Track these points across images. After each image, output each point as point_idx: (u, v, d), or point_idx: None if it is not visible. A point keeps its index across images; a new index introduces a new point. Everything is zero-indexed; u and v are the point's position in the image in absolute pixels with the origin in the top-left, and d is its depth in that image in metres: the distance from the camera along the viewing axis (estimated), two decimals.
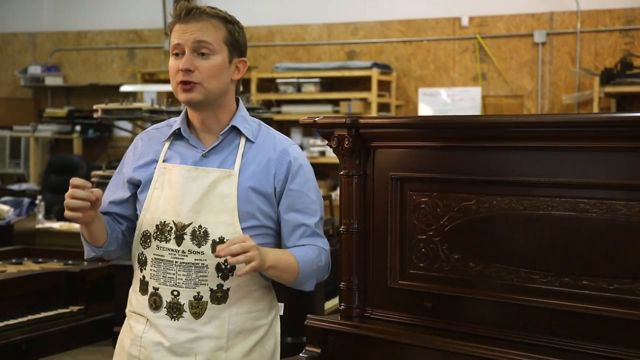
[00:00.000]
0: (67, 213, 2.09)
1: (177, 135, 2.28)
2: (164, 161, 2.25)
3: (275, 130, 2.34)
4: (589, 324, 2.18)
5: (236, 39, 2.22)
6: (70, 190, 2.07)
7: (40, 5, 9.69)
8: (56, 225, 6.06)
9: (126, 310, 2.34)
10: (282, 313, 2.41)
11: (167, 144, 2.27)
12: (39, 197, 6.58)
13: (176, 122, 2.29)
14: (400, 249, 2.52)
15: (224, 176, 2.20)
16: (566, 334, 2.21)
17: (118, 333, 2.38)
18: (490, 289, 2.34)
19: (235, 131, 2.26)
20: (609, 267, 2.15)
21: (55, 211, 6.62)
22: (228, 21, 2.21)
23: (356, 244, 2.56)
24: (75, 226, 6.01)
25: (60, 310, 3.97)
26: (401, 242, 2.52)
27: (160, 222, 2.21)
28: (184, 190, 2.19)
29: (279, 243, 2.30)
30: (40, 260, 4.48)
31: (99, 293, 4.10)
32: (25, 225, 6.19)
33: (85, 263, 4.24)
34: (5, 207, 6.34)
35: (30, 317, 3.80)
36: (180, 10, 2.18)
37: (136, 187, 2.28)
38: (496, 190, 2.33)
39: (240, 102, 2.32)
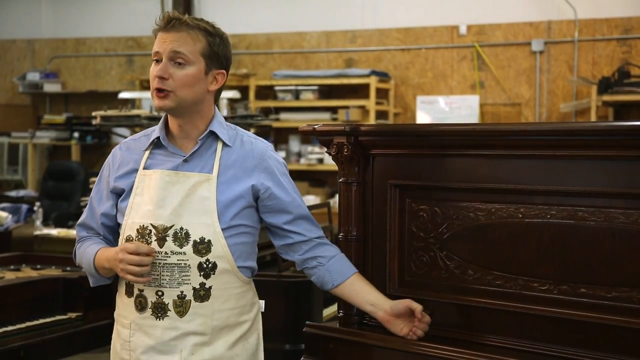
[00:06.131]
0: (132, 278, 2.24)
1: (156, 145, 2.37)
2: (144, 169, 2.34)
3: (250, 133, 2.44)
4: (587, 331, 2.18)
5: (215, 51, 2.30)
6: (138, 258, 2.22)
7: (39, 12, 9.70)
8: (54, 231, 6.05)
9: (114, 314, 2.45)
10: (263, 310, 2.49)
11: (147, 153, 2.37)
12: (37, 203, 6.57)
13: (154, 131, 2.38)
14: (399, 257, 2.52)
15: (203, 180, 2.30)
16: (565, 342, 2.22)
17: None
18: (488, 296, 2.34)
19: (213, 136, 2.35)
20: (607, 275, 2.16)
21: (53, 218, 6.61)
22: (210, 33, 2.30)
23: (355, 251, 2.57)
24: (73, 233, 6.01)
25: (58, 317, 3.96)
26: (400, 249, 2.52)
27: (140, 226, 2.29)
28: (165, 194, 2.28)
29: (255, 240, 2.41)
30: (38, 266, 4.47)
31: (97, 300, 4.09)
32: (24, 231, 6.18)
33: (84, 269, 4.23)
34: (4, 214, 6.34)
35: (29, 323, 3.80)
36: (163, 20, 2.28)
37: (118, 196, 2.38)
38: (495, 198, 2.34)
39: (216, 109, 2.40)
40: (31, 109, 9.69)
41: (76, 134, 8.94)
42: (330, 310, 3.99)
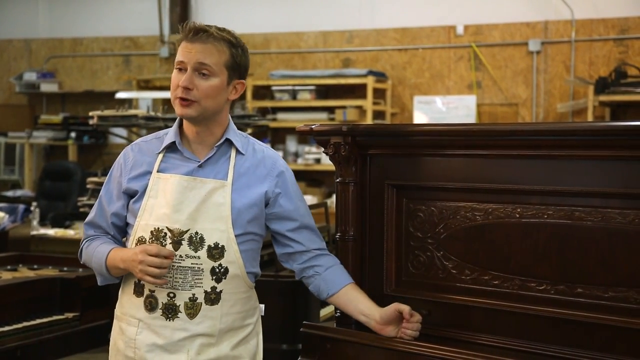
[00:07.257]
0: (150, 279, 2.25)
1: (169, 148, 2.39)
2: (158, 171, 2.36)
3: (260, 142, 2.49)
4: (584, 331, 2.18)
5: (237, 62, 2.35)
6: (159, 261, 2.24)
7: (36, 11, 9.68)
8: (51, 231, 6.04)
9: (115, 312, 2.45)
10: (263, 313, 2.54)
11: (160, 156, 2.39)
12: (34, 203, 6.56)
13: (168, 135, 2.40)
14: (396, 257, 2.53)
15: (219, 186, 2.33)
16: (562, 342, 2.22)
17: None
18: (485, 296, 2.34)
19: (228, 143, 2.39)
20: (604, 275, 2.16)
21: (50, 218, 6.59)
22: (233, 45, 2.34)
23: (352, 251, 2.57)
24: (70, 233, 6.00)
25: (55, 317, 3.96)
26: (397, 249, 2.53)
27: (155, 228, 2.32)
28: (182, 199, 2.31)
29: (260, 247, 2.46)
30: (35, 266, 4.46)
31: (95, 300, 4.09)
32: (20, 231, 6.17)
33: (81, 270, 4.23)
34: (0, 214, 6.33)
35: (25, 323, 3.79)
36: (189, 30, 2.30)
37: (130, 197, 2.39)
38: (492, 198, 2.34)
39: (229, 116, 2.44)
40: (28, 108, 9.67)
41: (73, 134, 8.93)
42: (328, 310, 3.99)
